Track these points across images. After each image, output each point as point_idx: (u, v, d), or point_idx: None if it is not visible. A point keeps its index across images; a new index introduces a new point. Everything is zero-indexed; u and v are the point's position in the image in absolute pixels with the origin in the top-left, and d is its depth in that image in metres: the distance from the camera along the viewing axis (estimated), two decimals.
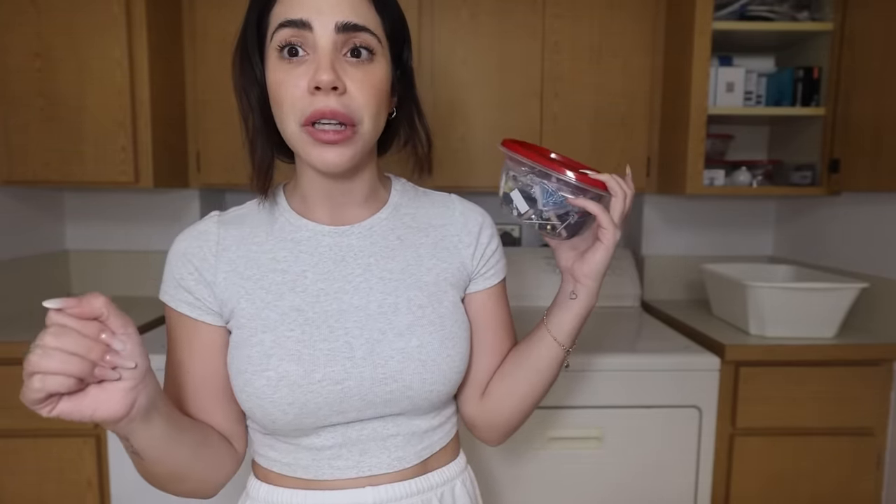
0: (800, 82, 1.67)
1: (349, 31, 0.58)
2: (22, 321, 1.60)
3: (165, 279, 0.66)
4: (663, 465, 1.43)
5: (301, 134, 0.59)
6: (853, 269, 1.65)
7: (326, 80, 0.56)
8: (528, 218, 0.69)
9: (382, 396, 0.64)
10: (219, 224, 0.67)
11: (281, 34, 0.58)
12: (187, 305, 0.65)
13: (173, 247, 0.66)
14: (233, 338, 0.65)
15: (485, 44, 1.74)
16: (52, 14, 1.53)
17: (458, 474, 0.73)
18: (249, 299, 0.64)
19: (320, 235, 0.67)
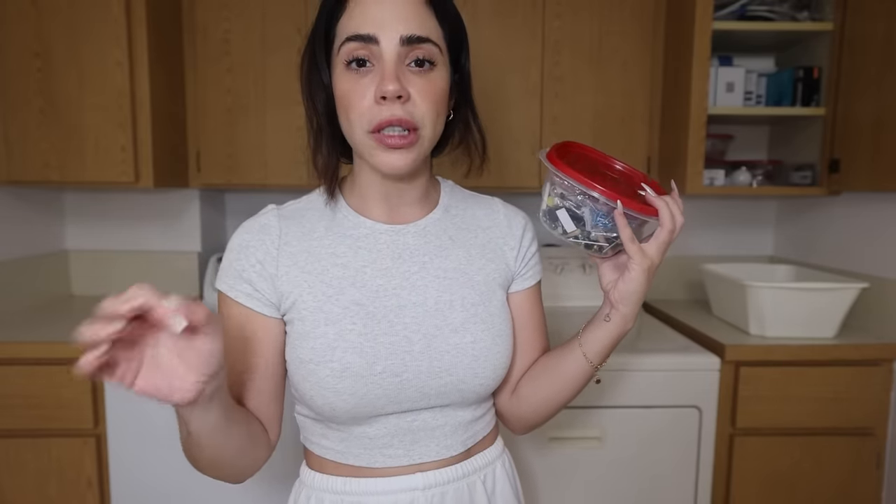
0: (800, 82, 1.67)
1: (413, 43, 0.62)
2: (22, 321, 1.60)
3: (225, 269, 0.68)
4: (663, 465, 1.43)
5: (368, 140, 0.63)
6: (853, 269, 1.65)
7: (392, 90, 0.60)
8: (573, 237, 0.67)
9: (436, 389, 0.68)
10: (279, 218, 0.70)
11: (348, 47, 0.62)
12: (246, 296, 0.67)
13: (235, 239, 0.69)
14: (294, 329, 0.67)
15: (485, 44, 1.74)
16: (52, 14, 1.53)
17: (497, 457, 0.78)
18: (311, 293, 0.67)
19: (378, 233, 0.71)
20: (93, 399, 1.40)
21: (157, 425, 1.38)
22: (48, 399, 1.40)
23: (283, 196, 2.07)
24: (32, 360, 1.39)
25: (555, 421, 1.40)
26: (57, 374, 1.39)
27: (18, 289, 1.75)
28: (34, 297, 1.81)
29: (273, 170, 1.77)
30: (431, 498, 0.70)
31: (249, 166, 1.77)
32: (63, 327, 1.54)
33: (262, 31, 1.73)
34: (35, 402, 1.40)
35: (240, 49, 1.73)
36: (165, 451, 1.39)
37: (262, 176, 1.77)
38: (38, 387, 1.39)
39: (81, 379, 0.46)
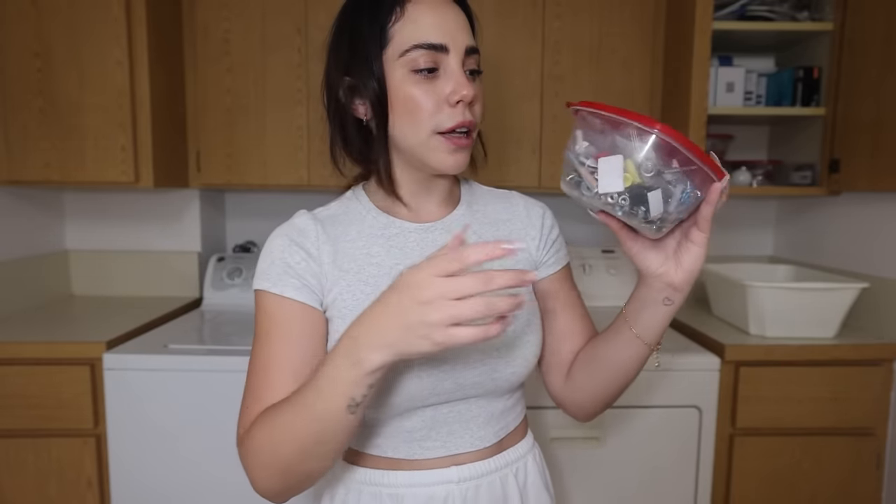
0: (800, 82, 1.67)
1: (470, 53, 0.68)
2: (22, 321, 1.60)
3: (266, 269, 0.69)
4: (663, 465, 1.43)
5: (434, 141, 0.67)
6: (853, 269, 1.65)
7: (470, 94, 0.65)
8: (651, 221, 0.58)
9: (472, 379, 0.70)
10: (314, 220, 0.72)
11: (416, 54, 0.65)
12: (295, 290, 0.67)
13: (275, 240, 0.70)
14: (334, 326, 0.69)
15: (485, 44, 1.74)
16: (52, 14, 1.53)
17: (528, 451, 0.80)
18: (350, 291, 0.69)
19: (407, 232, 0.74)
20: (93, 399, 1.40)
21: (157, 425, 1.38)
22: (48, 399, 1.40)
23: (283, 196, 2.07)
24: (32, 360, 1.39)
25: (555, 421, 1.40)
26: (57, 374, 1.39)
27: (18, 289, 1.75)
28: (34, 297, 1.81)
29: (273, 170, 1.77)
30: (466, 491, 0.72)
31: (249, 166, 1.77)
32: (63, 327, 1.54)
33: (261, 30, 1.73)
34: (35, 402, 1.39)
35: (240, 49, 1.73)
36: (165, 451, 1.39)
37: (262, 176, 1.78)
38: (38, 387, 1.39)
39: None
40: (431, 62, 0.65)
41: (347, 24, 0.69)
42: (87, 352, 1.39)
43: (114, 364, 1.37)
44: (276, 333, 0.67)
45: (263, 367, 0.67)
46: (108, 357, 1.37)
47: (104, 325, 1.56)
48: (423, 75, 0.66)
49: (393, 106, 0.67)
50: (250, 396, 0.67)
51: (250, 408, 0.66)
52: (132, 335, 1.52)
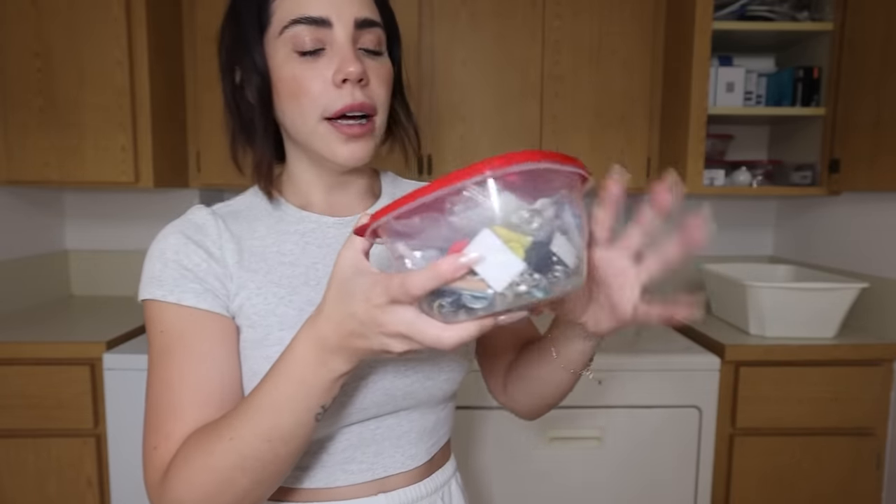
0: (800, 82, 1.67)
1: (365, 27, 0.59)
2: (22, 321, 1.60)
3: (158, 274, 0.58)
4: (663, 465, 1.43)
5: (322, 128, 0.59)
6: (853, 269, 1.65)
7: (355, 71, 0.56)
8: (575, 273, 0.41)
9: (403, 389, 0.62)
10: (214, 216, 0.63)
11: (296, 30, 0.57)
12: (196, 297, 0.57)
13: (166, 240, 0.60)
14: (244, 337, 0.59)
15: (485, 44, 1.74)
16: (52, 14, 1.53)
17: (452, 475, 0.73)
18: (261, 294, 0.59)
19: (325, 227, 0.65)
20: (93, 399, 1.40)
21: None
22: (48, 399, 1.40)
23: None
24: (32, 360, 1.39)
25: (555, 421, 1.41)
26: (57, 374, 1.39)
27: (18, 289, 1.75)
28: (34, 297, 1.81)
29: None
30: None
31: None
32: (63, 327, 1.54)
33: None
34: (35, 402, 1.39)
35: None
36: None
37: None
38: (38, 387, 1.39)
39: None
40: (315, 39, 0.57)
41: (230, 6, 0.62)
42: (87, 352, 1.39)
43: (114, 364, 1.37)
44: (179, 352, 0.56)
45: (168, 395, 0.55)
46: (108, 357, 1.37)
47: (104, 325, 1.56)
48: (306, 54, 0.57)
49: (278, 90, 0.60)
50: (156, 434, 0.54)
51: (159, 448, 0.54)
52: (132, 335, 1.52)
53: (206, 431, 0.52)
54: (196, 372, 0.56)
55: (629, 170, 1.79)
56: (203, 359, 0.56)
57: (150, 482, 0.54)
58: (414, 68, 1.71)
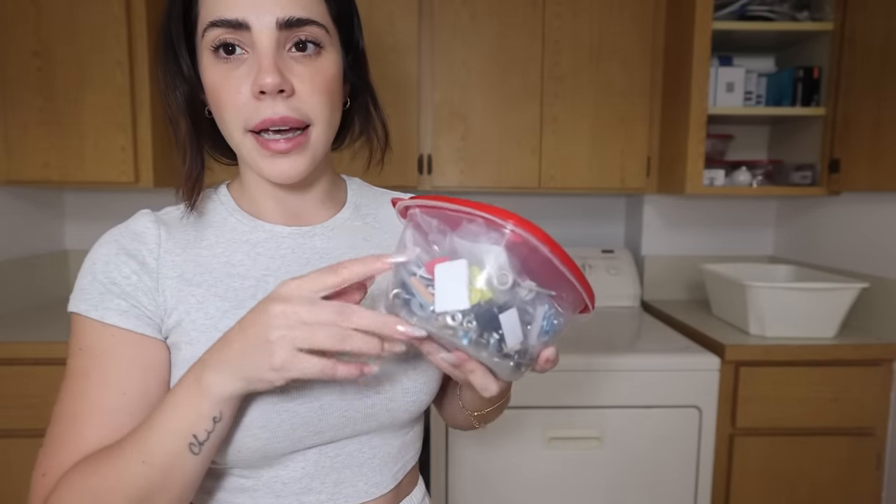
0: (800, 82, 1.67)
1: (292, 26, 0.52)
2: (22, 321, 1.60)
3: (84, 287, 0.54)
4: (663, 465, 1.43)
5: (247, 142, 0.54)
6: (853, 269, 1.65)
7: (271, 82, 0.50)
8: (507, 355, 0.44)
9: (363, 411, 0.58)
10: (157, 223, 0.58)
11: (213, 34, 0.52)
12: (120, 315, 0.53)
13: (100, 248, 0.56)
14: (180, 355, 0.54)
15: (485, 44, 1.74)
16: (52, 14, 1.53)
17: (421, 499, 0.70)
18: (202, 309, 0.55)
19: (280, 237, 0.61)
20: None
21: None
22: (48, 399, 1.40)
23: None
24: (32, 360, 1.39)
25: (555, 421, 1.41)
26: (57, 374, 1.39)
27: (18, 289, 1.75)
28: (34, 297, 1.81)
29: None
30: None
31: None
32: (63, 327, 1.54)
33: None
34: (34, 402, 1.39)
35: None
36: None
37: None
38: (37, 387, 1.39)
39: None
40: (231, 39, 0.52)
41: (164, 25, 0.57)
42: None
43: None
44: (92, 377, 0.53)
45: (71, 420, 0.52)
46: None
47: None
48: (223, 58, 0.52)
49: (207, 95, 0.55)
50: (49, 461, 0.51)
51: (48, 476, 0.50)
52: None
53: (93, 456, 0.50)
54: (108, 400, 0.52)
55: (629, 170, 1.79)
56: (115, 389, 0.52)
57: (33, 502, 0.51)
58: (414, 68, 1.71)
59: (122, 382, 0.53)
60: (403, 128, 1.74)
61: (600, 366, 1.39)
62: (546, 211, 2.13)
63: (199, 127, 0.58)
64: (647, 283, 2.03)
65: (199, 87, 0.56)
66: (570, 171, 1.78)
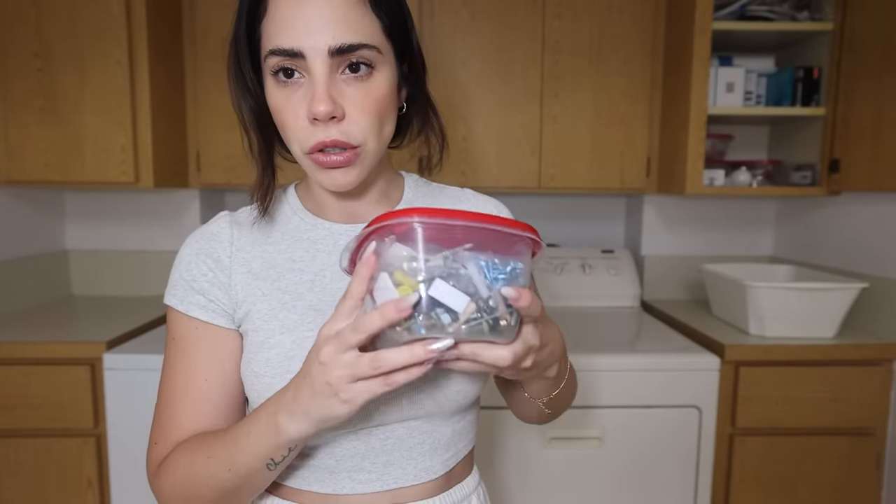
0: (800, 82, 1.67)
1: (344, 52, 0.55)
2: (22, 321, 1.60)
3: (174, 282, 0.63)
4: (663, 465, 1.43)
5: (306, 159, 0.59)
6: (853, 269, 1.65)
7: (323, 111, 0.54)
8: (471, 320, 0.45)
9: (408, 397, 0.61)
10: (231, 224, 0.65)
11: (273, 60, 0.56)
12: (200, 309, 0.62)
13: (185, 248, 0.64)
14: (248, 341, 0.62)
15: (485, 44, 1.74)
16: (52, 14, 1.53)
17: (474, 489, 0.71)
18: (266, 300, 0.62)
19: (337, 234, 0.66)
20: (93, 399, 1.40)
21: None
22: (48, 399, 1.40)
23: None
24: (32, 360, 1.39)
25: (555, 421, 1.41)
26: (57, 374, 1.39)
27: (18, 289, 1.75)
28: (34, 297, 1.81)
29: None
30: None
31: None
32: (63, 327, 1.54)
33: None
34: (35, 402, 1.40)
35: None
36: None
37: None
38: (38, 387, 1.39)
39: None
40: (289, 66, 0.56)
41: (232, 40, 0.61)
42: (87, 352, 1.39)
43: (114, 364, 1.37)
44: (182, 363, 0.62)
45: (170, 399, 0.62)
46: (108, 357, 1.37)
47: (104, 325, 1.56)
48: (283, 81, 0.56)
49: (272, 115, 0.60)
50: (158, 431, 0.62)
51: (158, 445, 0.62)
52: (132, 335, 1.52)
53: (196, 443, 0.59)
54: (194, 385, 0.62)
55: (629, 170, 1.79)
56: (201, 373, 0.62)
57: (148, 469, 0.63)
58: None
59: (204, 369, 0.62)
60: None
61: (600, 366, 1.39)
62: (546, 211, 2.13)
63: (268, 138, 0.63)
64: (647, 283, 2.03)
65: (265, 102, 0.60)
66: (570, 171, 1.78)
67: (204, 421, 0.61)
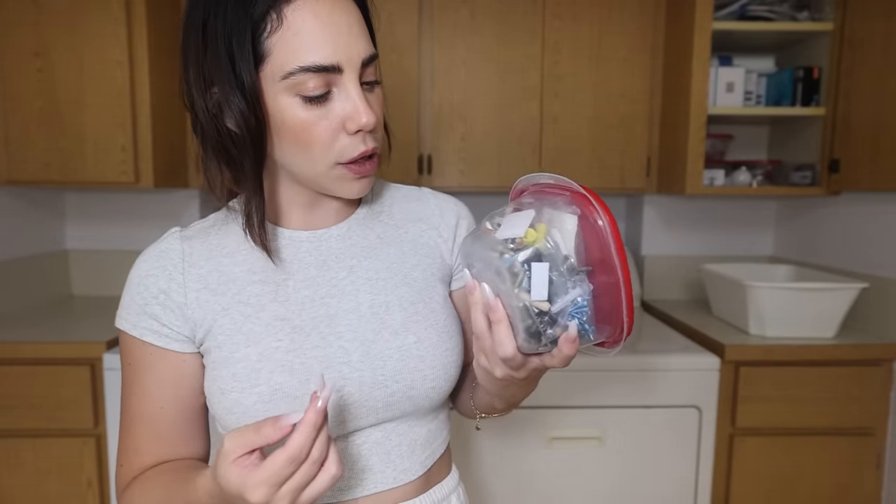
0: (800, 82, 1.67)
1: (368, 64, 0.57)
2: (22, 321, 1.60)
3: (126, 305, 0.60)
4: (663, 465, 1.43)
5: (336, 171, 0.58)
6: (853, 269, 1.65)
7: (371, 122, 0.55)
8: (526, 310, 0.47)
9: (383, 400, 0.61)
10: (181, 239, 0.62)
11: (302, 78, 0.53)
12: (153, 334, 0.60)
13: (135, 270, 0.61)
14: (211, 358, 0.60)
15: (485, 44, 1.74)
16: (52, 14, 1.53)
17: (453, 489, 0.71)
18: (227, 315, 0.60)
19: (298, 242, 0.64)
20: (93, 399, 1.40)
21: None
22: (48, 399, 1.40)
23: None
24: (32, 360, 1.39)
25: (555, 421, 1.41)
26: (57, 374, 1.39)
27: (18, 289, 1.75)
28: (34, 297, 1.81)
29: None
30: None
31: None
32: (63, 327, 1.54)
33: None
34: (35, 402, 1.40)
35: None
36: None
37: None
38: (38, 387, 1.39)
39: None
40: (323, 86, 0.54)
41: (207, 25, 0.54)
42: (87, 352, 1.39)
43: (114, 364, 1.37)
44: (137, 388, 0.61)
45: (128, 424, 0.62)
46: (108, 357, 1.37)
47: (104, 325, 1.56)
48: (314, 101, 0.55)
49: (279, 132, 0.57)
50: (122, 454, 0.62)
51: (123, 468, 0.62)
52: None
53: (154, 477, 0.59)
54: (150, 411, 0.61)
55: (629, 170, 1.79)
56: (157, 399, 0.61)
57: (116, 489, 0.63)
58: (414, 68, 1.72)
59: (160, 395, 0.61)
60: (403, 128, 1.74)
61: (600, 366, 1.39)
62: None
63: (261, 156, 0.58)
64: (647, 283, 2.03)
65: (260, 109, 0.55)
66: (570, 171, 1.78)
67: (162, 446, 0.61)
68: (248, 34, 0.53)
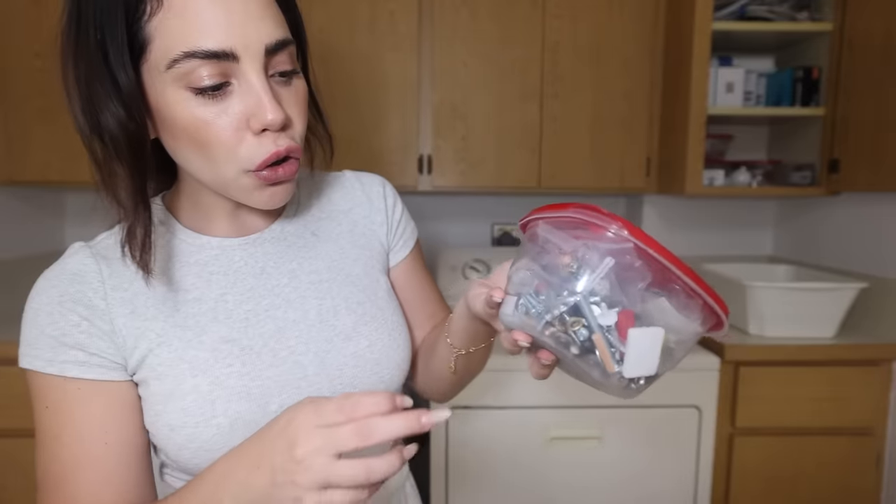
0: (799, 82, 1.68)
1: (278, 50, 0.49)
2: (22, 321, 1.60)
3: (33, 341, 0.52)
4: (663, 465, 1.43)
5: (245, 180, 0.50)
6: (853, 269, 1.65)
7: (277, 120, 0.48)
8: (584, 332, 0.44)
9: (335, 393, 0.58)
10: (95, 258, 0.54)
11: (189, 65, 0.45)
12: (80, 367, 0.51)
13: (39, 297, 0.53)
14: (150, 391, 0.52)
15: (485, 44, 1.74)
16: (53, 15, 1.53)
17: (406, 476, 0.70)
18: (163, 343, 0.53)
19: (230, 250, 0.58)
20: None
21: None
22: None
23: None
24: None
25: (555, 421, 1.41)
26: None
27: (18, 289, 1.75)
28: None
29: None
30: None
31: None
32: None
33: None
34: None
35: None
36: None
37: None
38: None
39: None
40: (218, 75, 0.46)
41: (81, 14, 0.47)
42: None
43: None
44: (69, 428, 0.50)
45: (60, 477, 0.51)
46: None
47: None
48: (207, 94, 0.47)
49: (172, 133, 0.49)
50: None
51: None
52: None
53: None
54: (92, 452, 0.51)
55: (629, 170, 1.79)
56: (98, 437, 0.51)
57: None
58: (414, 68, 1.72)
59: (101, 433, 0.51)
60: (403, 128, 1.74)
61: None
62: None
63: (143, 167, 0.50)
64: None
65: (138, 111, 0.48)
66: (570, 171, 1.78)
67: (110, 490, 0.51)
68: (120, 20, 0.45)
